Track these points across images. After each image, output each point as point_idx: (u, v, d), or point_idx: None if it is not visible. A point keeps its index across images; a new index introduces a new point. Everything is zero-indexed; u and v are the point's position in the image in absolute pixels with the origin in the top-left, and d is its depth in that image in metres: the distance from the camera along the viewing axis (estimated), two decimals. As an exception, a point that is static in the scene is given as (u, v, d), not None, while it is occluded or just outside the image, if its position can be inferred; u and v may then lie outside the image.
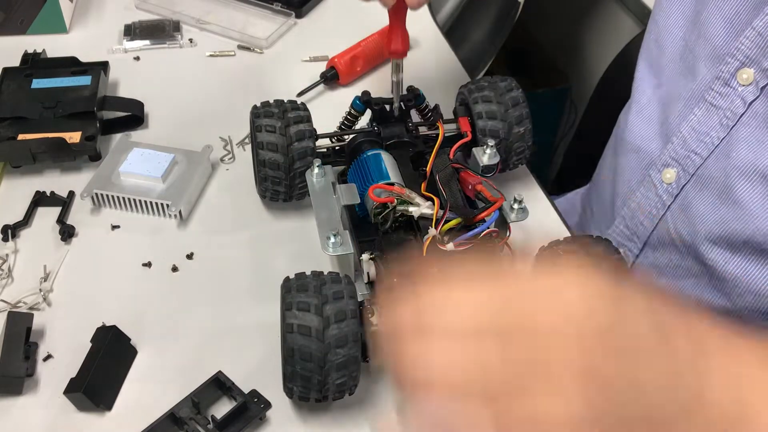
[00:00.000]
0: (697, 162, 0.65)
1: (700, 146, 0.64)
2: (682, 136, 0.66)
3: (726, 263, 0.63)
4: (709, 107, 0.64)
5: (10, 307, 0.62)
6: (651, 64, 0.73)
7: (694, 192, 0.65)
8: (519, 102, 0.67)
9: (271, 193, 0.66)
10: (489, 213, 0.56)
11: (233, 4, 0.98)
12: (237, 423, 0.53)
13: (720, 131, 0.63)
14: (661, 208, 0.69)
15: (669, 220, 0.68)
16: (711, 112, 0.64)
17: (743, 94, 0.61)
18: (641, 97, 0.74)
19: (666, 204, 0.68)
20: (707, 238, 0.64)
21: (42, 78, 0.79)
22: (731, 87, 0.62)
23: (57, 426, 0.54)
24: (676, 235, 0.67)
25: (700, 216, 0.64)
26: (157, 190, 0.70)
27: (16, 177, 0.74)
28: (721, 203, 0.62)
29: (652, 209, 0.70)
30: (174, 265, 0.66)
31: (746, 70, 0.61)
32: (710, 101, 0.64)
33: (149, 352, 0.59)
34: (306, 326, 0.49)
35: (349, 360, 0.49)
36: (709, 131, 0.64)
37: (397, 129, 0.66)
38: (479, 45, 1.30)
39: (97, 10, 0.97)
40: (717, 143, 0.63)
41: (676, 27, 0.69)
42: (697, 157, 0.65)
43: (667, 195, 0.68)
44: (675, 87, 0.69)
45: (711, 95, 0.64)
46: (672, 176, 0.67)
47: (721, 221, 0.62)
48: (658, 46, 0.72)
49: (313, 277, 0.52)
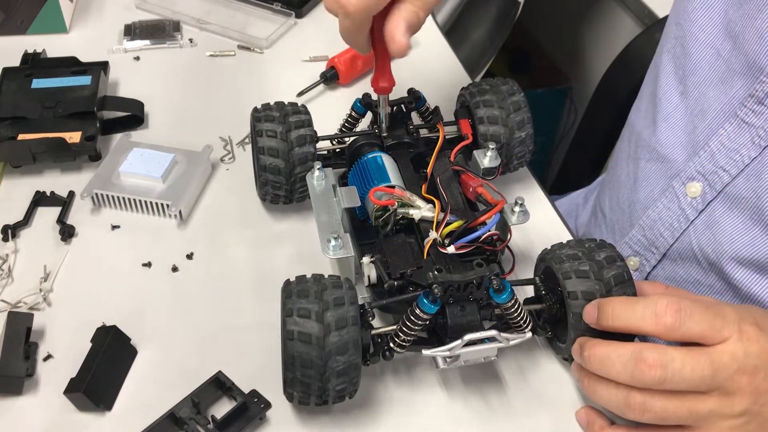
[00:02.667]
0: (725, 179, 0.63)
1: (729, 163, 0.63)
2: (711, 150, 0.64)
3: (753, 284, 0.62)
4: (741, 124, 0.62)
5: (10, 307, 0.62)
6: (677, 70, 0.71)
7: (722, 209, 0.64)
8: (521, 107, 0.67)
9: (272, 196, 0.66)
10: (490, 216, 0.56)
11: (233, 4, 0.97)
12: (237, 423, 0.53)
13: (752, 150, 0.61)
14: (684, 221, 0.67)
15: (692, 235, 0.67)
16: (743, 129, 0.62)
17: None
18: (667, 104, 0.71)
19: (689, 218, 0.67)
20: (734, 257, 0.62)
21: (42, 78, 0.79)
22: (765, 105, 0.60)
23: (57, 426, 0.55)
24: (699, 251, 0.66)
25: (728, 235, 0.63)
26: (157, 190, 0.70)
27: (16, 177, 0.74)
28: (753, 224, 0.61)
29: (674, 222, 0.68)
30: (174, 265, 0.66)
31: None
32: (742, 117, 0.62)
33: (149, 352, 0.59)
34: (307, 333, 0.49)
35: (349, 367, 0.49)
36: (739, 149, 0.62)
37: (397, 131, 0.66)
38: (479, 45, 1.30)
39: (97, 10, 0.97)
40: (748, 162, 0.61)
41: (702, 33, 0.67)
42: (725, 174, 0.63)
43: (691, 209, 0.66)
44: (703, 97, 0.67)
45: (744, 112, 0.62)
46: (697, 190, 0.66)
47: (751, 243, 0.61)
48: (685, 52, 0.69)
49: (314, 282, 0.52)
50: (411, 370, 0.58)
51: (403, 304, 0.53)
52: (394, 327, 0.53)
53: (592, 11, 1.53)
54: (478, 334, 0.51)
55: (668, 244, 0.69)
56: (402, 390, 0.57)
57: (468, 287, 0.51)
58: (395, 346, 0.52)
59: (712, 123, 0.65)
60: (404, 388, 0.57)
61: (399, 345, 0.52)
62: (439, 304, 0.51)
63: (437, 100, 0.70)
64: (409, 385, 0.58)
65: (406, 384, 0.58)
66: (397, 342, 0.52)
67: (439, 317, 0.53)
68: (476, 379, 0.58)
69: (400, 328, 0.52)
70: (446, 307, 0.52)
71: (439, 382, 0.58)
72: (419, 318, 0.51)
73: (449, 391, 0.57)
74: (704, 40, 0.67)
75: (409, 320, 0.51)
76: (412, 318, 0.51)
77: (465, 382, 0.58)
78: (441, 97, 0.73)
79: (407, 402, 0.57)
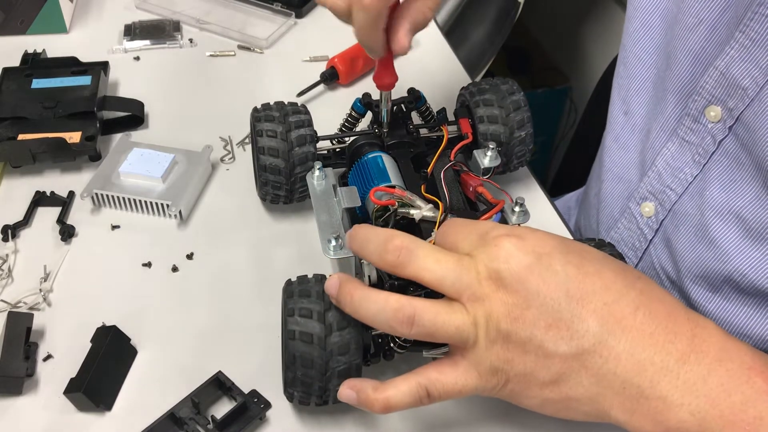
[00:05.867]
0: (672, 198, 0.64)
1: (674, 182, 0.63)
2: (658, 170, 0.65)
3: (708, 303, 0.62)
4: (682, 142, 0.62)
5: (10, 307, 0.62)
6: (620, 89, 0.71)
7: (671, 227, 0.64)
8: (520, 106, 0.67)
9: (272, 196, 0.66)
10: (490, 216, 0.56)
11: (233, 4, 0.98)
12: (237, 423, 0.53)
13: (693, 168, 0.62)
14: (643, 241, 0.68)
15: (653, 254, 0.67)
16: (684, 147, 0.62)
17: (713, 131, 0.60)
18: (615, 124, 0.72)
19: (648, 238, 0.67)
20: (688, 276, 0.63)
21: (42, 78, 0.79)
22: (701, 123, 0.60)
23: (57, 426, 0.54)
24: (661, 270, 0.66)
25: (679, 253, 0.63)
26: (157, 190, 0.70)
27: (16, 177, 0.74)
28: (698, 241, 0.61)
29: (635, 242, 0.69)
30: (174, 265, 0.66)
31: (713, 107, 0.59)
32: (682, 136, 0.62)
33: (149, 352, 0.59)
34: (308, 333, 0.49)
35: (350, 367, 0.49)
36: (683, 167, 0.63)
37: (398, 131, 0.66)
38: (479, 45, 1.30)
39: (97, 10, 0.97)
40: (690, 180, 0.62)
41: (645, 54, 0.67)
42: (672, 192, 0.64)
43: (648, 229, 0.67)
44: (646, 117, 0.68)
45: (683, 130, 0.62)
46: (651, 210, 0.66)
47: (698, 260, 0.61)
48: (627, 72, 0.70)
49: (315, 282, 0.52)
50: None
51: (403, 304, 0.53)
52: (395, 327, 0.53)
53: (592, 11, 1.53)
54: (479, 334, 0.51)
55: (633, 264, 0.70)
56: (402, 390, 0.57)
57: (468, 287, 0.51)
58: (396, 347, 0.52)
59: (654, 142, 0.66)
60: (404, 388, 0.57)
61: (400, 345, 0.52)
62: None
63: (437, 100, 0.70)
64: (410, 385, 0.58)
65: (407, 384, 0.58)
66: (398, 342, 0.52)
67: (439, 317, 0.52)
68: (476, 379, 0.58)
69: (401, 328, 0.52)
70: (447, 307, 0.52)
71: (440, 381, 0.58)
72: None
73: (449, 390, 0.57)
74: (645, 59, 0.67)
75: (409, 320, 0.51)
76: (413, 318, 0.51)
77: (465, 382, 0.58)
78: (441, 97, 0.73)
79: (407, 402, 0.57)
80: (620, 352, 0.41)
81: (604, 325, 0.41)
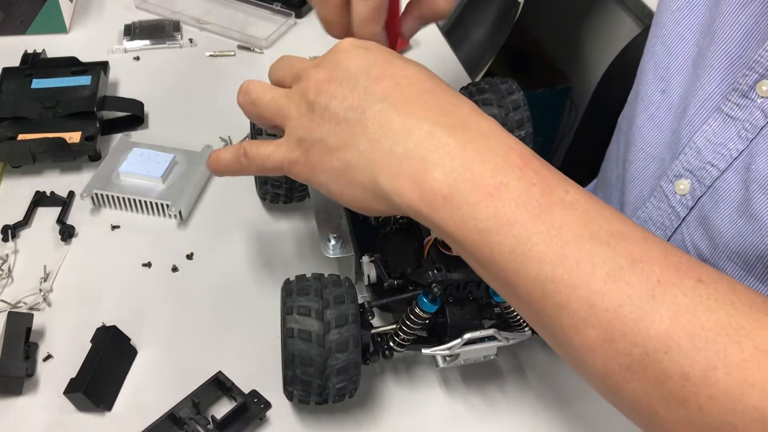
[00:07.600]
0: (714, 174, 0.63)
1: (717, 158, 0.63)
2: (697, 146, 0.64)
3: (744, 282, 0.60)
4: (726, 118, 0.62)
5: (10, 307, 0.62)
6: (657, 68, 0.71)
7: (710, 204, 0.63)
8: (520, 105, 0.67)
9: (272, 195, 0.66)
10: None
11: (233, 4, 0.98)
12: (237, 423, 0.53)
13: (739, 143, 0.61)
14: (675, 219, 0.67)
15: (685, 233, 0.66)
16: (728, 123, 0.62)
17: (763, 106, 0.59)
18: (649, 103, 0.71)
19: (680, 216, 0.66)
20: (724, 252, 0.62)
21: (42, 78, 0.79)
22: (750, 99, 0.60)
23: (57, 426, 0.55)
24: (694, 249, 0.65)
25: (717, 229, 0.62)
26: (157, 190, 0.70)
27: (16, 177, 0.74)
28: (739, 217, 0.60)
29: (665, 221, 0.68)
30: (174, 265, 0.66)
31: (766, 82, 0.58)
32: (727, 112, 0.62)
33: (149, 352, 0.59)
34: (306, 331, 0.49)
35: (349, 364, 0.49)
36: (726, 143, 0.62)
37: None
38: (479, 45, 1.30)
39: (97, 10, 0.97)
40: (736, 155, 0.61)
41: (688, 32, 0.67)
42: (714, 169, 0.63)
43: (682, 207, 0.66)
44: (684, 95, 0.67)
45: (728, 106, 0.62)
46: (686, 188, 0.65)
47: (737, 235, 0.60)
48: (668, 50, 0.69)
49: (314, 280, 0.52)
50: (411, 369, 0.59)
51: (402, 303, 0.53)
52: (394, 326, 0.53)
53: (592, 11, 1.53)
54: (478, 333, 0.51)
55: None
56: (402, 389, 0.57)
57: (468, 286, 0.51)
58: (395, 345, 0.52)
59: (693, 119, 0.65)
60: (404, 387, 0.57)
61: (399, 344, 0.52)
62: (438, 303, 0.51)
63: (437, 100, 0.70)
64: (409, 384, 0.58)
65: (406, 383, 0.58)
66: (396, 341, 0.52)
67: (438, 316, 0.53)
68: (476, 378, 0.58)
69: (400, 327, 0.52)
70: (446, 306, 0.52)
71: (439, 380, 0.58)
72: (419, 317, 0.51)
73: (449, 389, 0.57)
74: (687, 37, 0.67)
75: (408, 319, 0.51)
76: (412, 317, 0.51)
77: (465, 381, 0.58)
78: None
79: (407, 401, 0.57)
80: (395, 118, 0.44)
81: (388, 98, 0.45)
